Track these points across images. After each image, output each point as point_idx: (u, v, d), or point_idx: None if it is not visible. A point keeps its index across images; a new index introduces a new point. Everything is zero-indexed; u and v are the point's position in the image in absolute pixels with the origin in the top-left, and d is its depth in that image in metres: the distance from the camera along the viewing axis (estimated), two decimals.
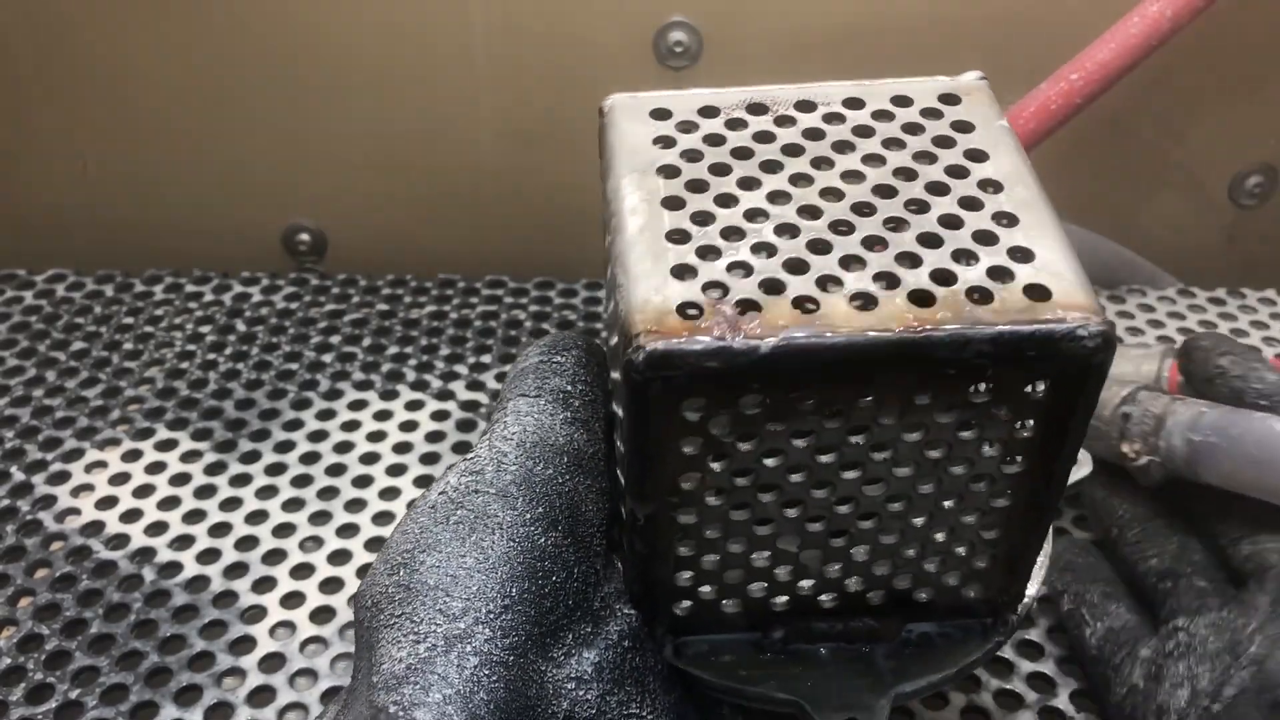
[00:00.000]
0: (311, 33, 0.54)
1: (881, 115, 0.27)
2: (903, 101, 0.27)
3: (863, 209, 0.25)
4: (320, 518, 0.44)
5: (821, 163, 0.26)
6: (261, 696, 0.37)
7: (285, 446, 0.47)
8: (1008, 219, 0.25)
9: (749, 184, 0.25)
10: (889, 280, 0.23)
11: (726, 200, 0.25)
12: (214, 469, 0.46)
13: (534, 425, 0.28)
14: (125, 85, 0.56)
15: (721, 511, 0.25)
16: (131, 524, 0.43)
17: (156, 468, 0.46)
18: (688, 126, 0.27)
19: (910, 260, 0.24)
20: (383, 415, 0.49)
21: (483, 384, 0.50)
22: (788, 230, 0.24)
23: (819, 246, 0.24)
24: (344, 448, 0.47)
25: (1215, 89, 0.55)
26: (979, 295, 0.23)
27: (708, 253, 0.24)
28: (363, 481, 0.45)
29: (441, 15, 0.53)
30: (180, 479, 0.45)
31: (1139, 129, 0.56)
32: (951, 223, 0.24)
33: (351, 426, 0.48)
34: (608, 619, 0.26)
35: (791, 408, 0.23)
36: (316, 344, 0.53)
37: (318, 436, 0.48)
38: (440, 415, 0.49)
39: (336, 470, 0.46)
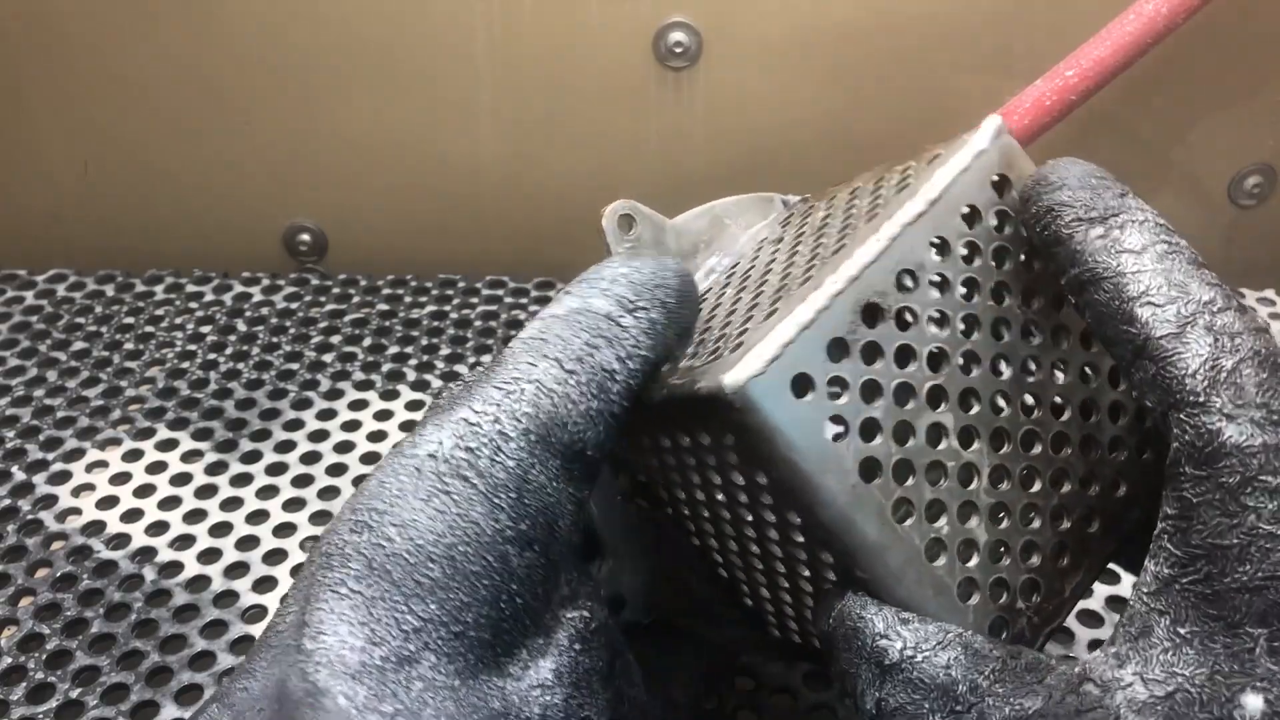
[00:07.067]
0: (312, 33, 0.54)
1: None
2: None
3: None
4: (321, 517, 0.44)
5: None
6: None
7: (286, 446, 0.47)
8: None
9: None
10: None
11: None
12: (215, 469, 0.46)
13: (549, 409, 0.25)
14: (125, 85, 0.56)
15: None
16: (132, 524, 0.43)
17: (157, 467, 0.46)
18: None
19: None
20: (383, 415, 0.49)
21: None
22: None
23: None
24: (345, 447, 0.47)
25: (1214, 89, 0.55)
26: None
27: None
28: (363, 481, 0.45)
29: (442, 16, 0.54)
30: (181, 479, 0.45)
31: (1138, 129, 0.56)
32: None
33: (352, 426, 0.48)
34: (555, 628, 0.26)
35: None
36: (317, 344, 0.53)
37: (318, 436, 0.48)
38: None
39: (337, 470, 0.46)
